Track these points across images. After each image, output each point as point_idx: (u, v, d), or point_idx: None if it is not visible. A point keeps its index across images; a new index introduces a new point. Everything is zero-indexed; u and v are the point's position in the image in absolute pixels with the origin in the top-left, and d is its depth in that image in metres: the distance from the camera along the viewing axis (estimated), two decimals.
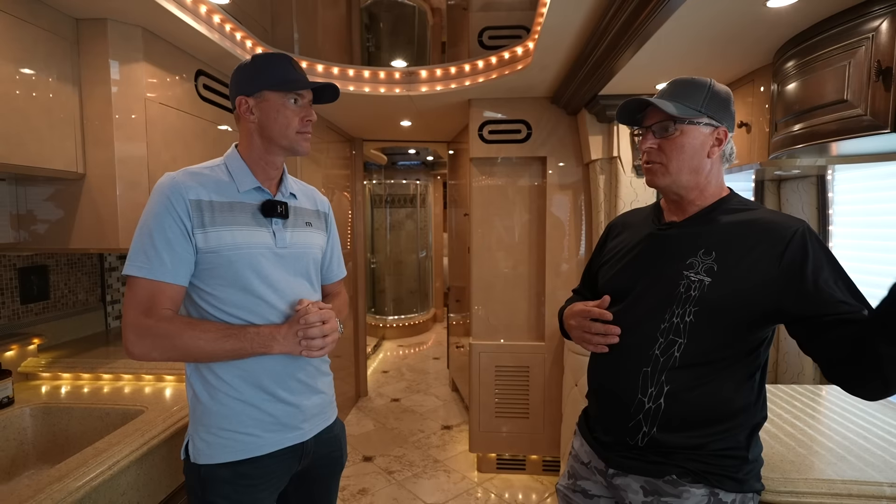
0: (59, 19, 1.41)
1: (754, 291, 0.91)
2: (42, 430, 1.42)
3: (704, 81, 1.00)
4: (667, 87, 1.03)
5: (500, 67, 2.22)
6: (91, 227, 1.53)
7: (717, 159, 1.01)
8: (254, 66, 1.07)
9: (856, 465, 1.11)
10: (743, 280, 0.91)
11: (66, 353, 1.73)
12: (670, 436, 0.95)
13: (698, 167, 0.99)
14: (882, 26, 1.14)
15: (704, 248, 0.96)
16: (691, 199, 1.02)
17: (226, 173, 1.08)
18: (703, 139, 0.99)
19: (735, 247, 0.94)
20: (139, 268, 0.97)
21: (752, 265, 0.92)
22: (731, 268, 0.93)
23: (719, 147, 1.00)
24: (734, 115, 1.04)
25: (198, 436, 1.05)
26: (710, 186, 1.02)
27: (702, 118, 0.98)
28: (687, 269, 0.96)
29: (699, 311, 0.93)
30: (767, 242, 0.92)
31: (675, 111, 0.96)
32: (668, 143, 0.99)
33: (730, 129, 1.02)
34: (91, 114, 1.49)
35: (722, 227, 0.98)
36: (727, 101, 1.01)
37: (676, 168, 0.99)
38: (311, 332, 1.02)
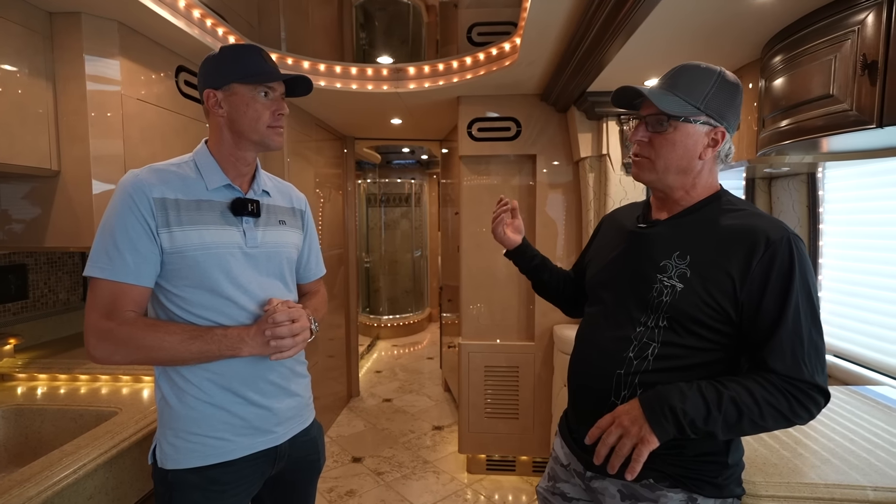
0: (31, 13, 1.38)
1: (724, 298, 0.87)
2: (14, 433, 1.39)
3: (713, 71, 0.91)
4: (673, 72, 0.94)
5: (487, 64, 2.19)
6: (67, 226, 1.50)
7: (711, 160, 0.95)
8: (222, 58, 1.03)
9: (840, 469, 1.08)
10: (713, 287, 0.87)
11: (44, 354, 1.71)
12: None
13: (687, 167, 0.94)
14: (868, 19, 1.11)
15: (679, 251, 0.92)
16: (676, 198, 0.98)
17: (194, 170, 1.04)
18: (697, 139, 0.92)
19: (711, 251, 0.90)
20: (101, 269, 0.94)
21: (721, 271, 0.87)
22: (702, 274, 0.89)
23: (714, 148, 0.93)
24: (739, 109, 0.95)
25: (165, 440, 1.02)
26: (698, 187, 0.96)
27: (699, 116, 0.90)
28: (661, 273, 0.93)
29: (671, 317, 0.90)
30: (744, 247, 0.86)
31: (670, 108, 0.90)
32: (660, 138, 0.93)
33: (730, 129, 0.94)
34: (65, 110, 1.46)
35: (702, 228, 0.93)
36: (734, 93, 0.92)
37: (663, 166, 0.94)
38: (279, 331, 0.98)
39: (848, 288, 1.82)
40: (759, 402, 0.82)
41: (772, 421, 0.83)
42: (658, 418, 0.83)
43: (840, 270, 1.86)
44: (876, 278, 1.69)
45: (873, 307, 1.69)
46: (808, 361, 0.83)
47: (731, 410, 0.82)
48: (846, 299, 1.83)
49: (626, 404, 0.89)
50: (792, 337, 0.83)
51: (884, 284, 1.65)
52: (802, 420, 0.85)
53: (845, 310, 1.83)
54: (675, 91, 0.91)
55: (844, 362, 1.80)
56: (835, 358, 1.86)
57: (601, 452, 0.88)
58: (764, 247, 0.85)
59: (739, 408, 0.82)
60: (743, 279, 0.85)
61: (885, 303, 1.64)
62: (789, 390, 0.83)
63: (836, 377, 1.83)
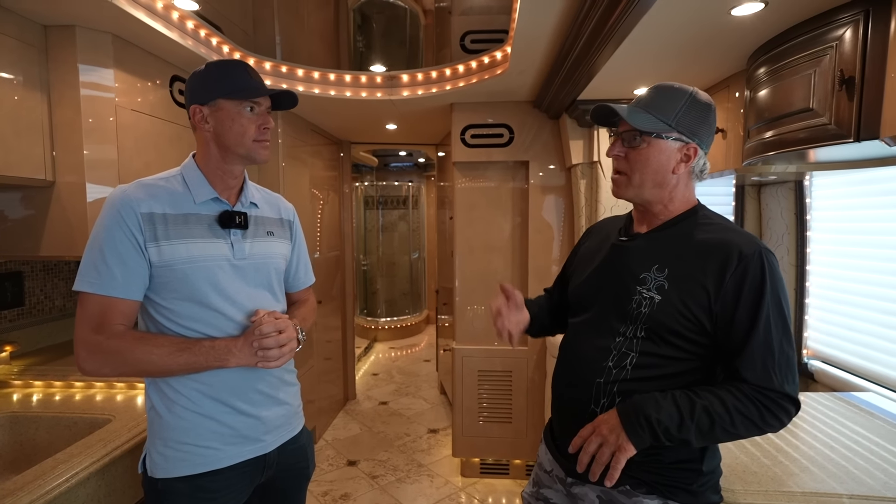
0: (26, 26, 1.40)
1: (699, 309, 0.90)
2: (8, 440, 1.41)
3: (684, 91, 0.95)
4: (647, 92, 0.99)
5: (480, 72, 2.21)
6: (61, 235, 1.52)
7: (685, 175, 0.98)
8: (207, 74, 1.05)
9: (818, 476, 1.11)
10: (688, 297, 0.90)
11: (40, 360, 1.73)
12: None
13: (662, 182, 0.97)
14: (846, 35, 1.14)
15: (658, 264, 0.95)
16: (656, 211, 1.01)
17: (182, 184, 1.06)
18: (670, 154, 0.95)
19: (688, 264, 0.93)
20: (90, 283, 0.96)
21: (697, 283, 0.90)
22: (679, 286, 0.91)
23: (686, 164, 0.96)
24: (713, 128, 0.98)
25: (155, 449, 1.04)
26: (675, 201, 0.99)
27: (671, 133, 0.94)
28: (640, 285, 0.95)
29: (649, 328, 0.93)
30: (718, 261, 0.89)
31: (642, 125, 0.94)
32: (634, 153, 0.97)
33: (703, 145, 0.96)
34: (60, 121, 1.48)
35: (680, 242, 0.96)
36: (705, 113, 0.96)
37: (639, 181, 0.98)
38: (266, 342, 1.01)
39: (835, 295, 1.84)
40: (731, 411, 0.85)
41: (743, 429, 0.86)
42: (634, 427, 0.87)
43: (827, 277, 1.88)
44: (862, 286, 1.71)
45: (860, 314, 1.71)
46: (778, 371, 0.86)
47: (703, 419, 0.85)
48: (833, 306, 1.85)
49: (606, 414, 0.92)
50: (763, 347, 0.86)
51: (870, 292, 1.67)
52: (773, 428, 0.88)
53: (832, 316, 1.85)
54: (648, 109, 0.95)
55: (831, 368, 1.82)
56: (822, 364, 1.88)
57: (583, 461, 0.91)
58: (737, 260, 0.88)
59: (711, 416, 0.85)
60: (717, 291, 0.88)
61: (871, 310, 1.66)
62: (760, 399, 0.85)
63: (822, 383, 1.85)
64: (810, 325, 1.95)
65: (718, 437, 0.87)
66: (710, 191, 2.32)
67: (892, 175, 1.59)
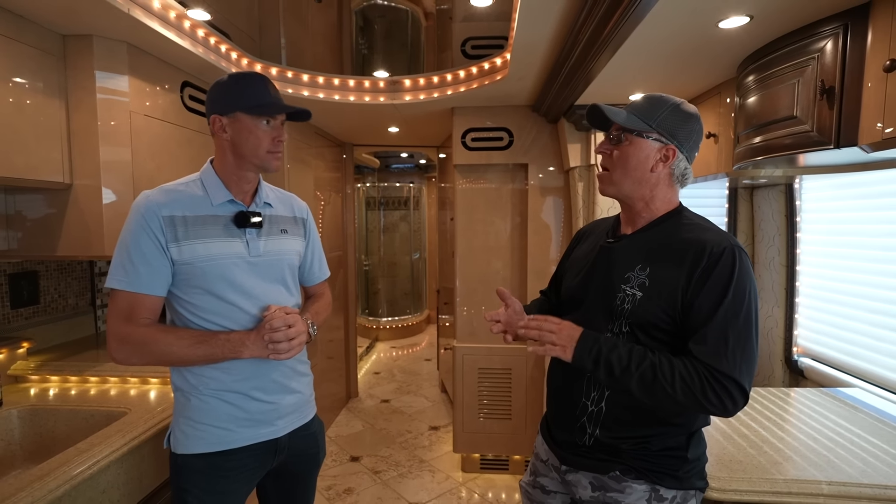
0: (46, 36, 1.46)
1: (675, 303, 0.96)
2: (29, 432, 1.47)
3: (668, 100, 1.03)
4: (639, 99, 1.07)
5: (480, 77, 2.27)
6: (78, 235, 1.58)
7: (665, 176, 1.04)
8: (229, 87, 1.12)
9: (799, 465, 1.17)
10: (665, 293, 0.96)
11: (55, 357, 1.79)
12: (611, 435, 1.01)
13: (640, 179, 1.04)
14: (827, 47, 1.20)
15: (641, 263, 1.01)
16: (638, 210, 1.08)
17: (200, 188, 1.14)
18: (649, 153, 1.02)
19: (666, 262, 0.99)
20: (119, 281, 1.05)
21: (674, 278, 0.96)
22: (658, 283, 0.98)
23: (665, 164, 1.03)
24: (695, 136, 1.04)
25: (178, 427, 1.13)
26: (656, 201, 1.06)
27: (651, 133, 1.02)
28: (624, 283, 1.02)
29: (632, 323, 0.99)
30: (693, 257, 0.95)
31: (624, 122, 1.02)
32: (618, 150, 1.05)
33: (682, 148, 1.03)
34: (77, 126, 1.54)
35: (661, 242, 1.03)
36: (685, 120, 1.02)
37: (619, 177, 1.05)
38: (276, 336, 1.08)
39: (823, 294, 1.90)
40: (675, 375, 0.90)
41: (683, 396, 0.90)
42: (584, 349, 0.96)
43: (816, 277, 1.94)
44: (850, 285, 1.77)
45: (847, 313, 1.77)
46: (730, 357, 0.89)
47: (647, 373, 0.91)
48: (822, 305, 1.91)
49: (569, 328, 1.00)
50: (717, 332, 0.91)
51: (857, 291, 1.73)
52: (714, 409, 0.90)
53: (821, 315, 1.91)
54: (633, 111, 1.04)
55: (820, 365, 1.88)
56: (811, 361, 1.94)
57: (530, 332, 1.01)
58: (707, 256, 0.94)
59: (655, 373, 0.91)
60: (688, 285, 0.95)
61: (859, 309, 1.73)
62: (706, 375, 0.89)
63: (811, 380, 1.91)
64: (800, 324, 2.01)
65: (658, 396, 0.91)
66: (705, 193, 2.38)
67: (877, 178, 1.65)
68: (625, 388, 0.94)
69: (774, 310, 2.06)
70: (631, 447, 1.00)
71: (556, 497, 1.16)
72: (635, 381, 0.92)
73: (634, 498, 0.99)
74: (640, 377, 0.92)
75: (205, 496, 1.12)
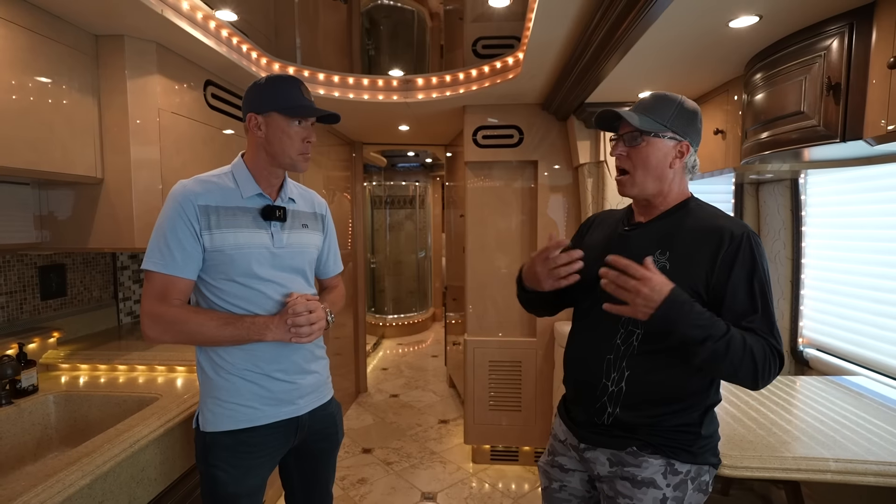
0: (81, 36, 1.52)
1: (695, 285, 1.02)
2: (64, 416, 1.53)
3: (675, 98, 1.10)
4: (645, 99, 1.13)
5: (492, 76, 2.33)
6: (108, 228, 1.64)
7: (680, 169, 1.11)
8: (265, 88, 1.19)
9: (807, 444, 1.22)
10: (687, 276, 1.02)
11: (83, 346, 1.85)
12: (631, 414, 1.07)
13: (661, 175, 1.10)
14: (833, 45, 1.25)
15: (661, 248, 1.07)
16: (656, 203, 1.14)
17: (232, 181, 1.21)
18: (667, 151, 1.09)
19: (686, 246, 1.05)
20: (155, 263, 1.12)
21: (696, 262, 1.03)
22: (679, 265, 1.04)
23: (681, 159, 1.10)
24: (700, 130, 1.12)
25: (206, 407, 1.20)
26: (672, 193, 1.12)
27: (666, 132, 1.08)
28: None
29: None
30: (713, 242, 1.03)
31: (640, 124, 1.07)
32: (635, 151, 1.10)
33: (693, 143, 1.11)
34: (109, 123, 1.60)
35: (678, 228, 1.09)
36: (693, 117, 1.10)
37: (642, 177, 1.10)
38: (298, 320, 1.15)
39: (828, 286, 1.96)
40: (746, 348, 0.95)
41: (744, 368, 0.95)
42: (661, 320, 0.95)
43: (821, 270, 2.00)
44: (854, 277, 1.82)
45: (852, 304, 1.83)
46: (776, 333, 0.99)
47: (721, 347, 0.94)
48: (827, 296, 1.96)
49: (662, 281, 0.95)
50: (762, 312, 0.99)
51: (861, 283, 1.79)
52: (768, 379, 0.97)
53: (826, 306, 1.97)
54: (646, 113, 1.09)
55: (824, 355, 1.94)
56: (816, 351, 1.99)
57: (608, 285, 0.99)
58: (728, 241, 1.02)
59: (729, 347, 0.94)
60: (712, 267, 1.02)
61: (863, 299, 1.78)
62: (768, 349, 0.97)
63: (816, 369, 1.96)
64: (805, 315, 2.06)
65: (723, 367, 0.95)
66: (712, 189, 2.43)
67: (880, 172, 1.70)
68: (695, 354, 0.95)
69: (780, 302, 2.11)
70: (647, 424, 1.05)
71: (574, 475, 1.21)
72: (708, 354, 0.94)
73: (650, 472, 1.04)
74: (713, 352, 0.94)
75: (232, 470, 1.18)
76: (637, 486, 1.05)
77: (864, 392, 1.59)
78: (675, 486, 1.04)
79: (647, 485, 1.04)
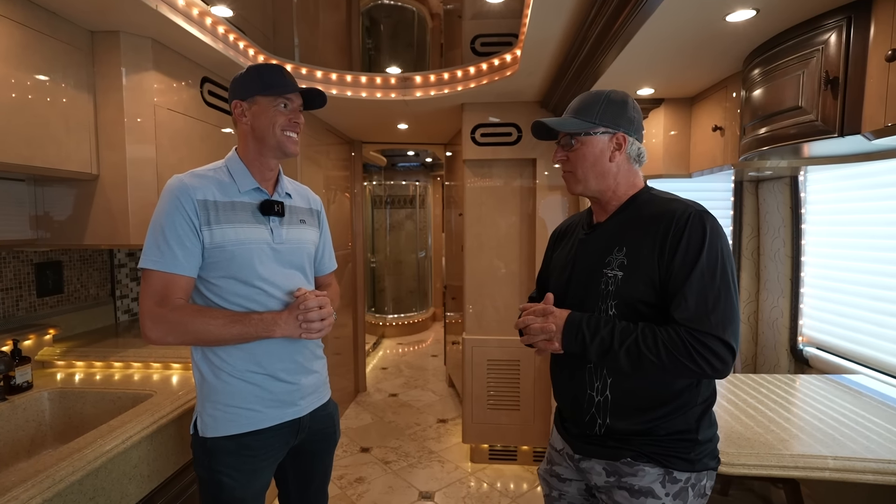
0: (76, 32, 1.52)
1: (653, 273, 0.99)
2: (59, 413, 1.53)
3: (600, 94, 1.09)
4: (573, 102, 1.12)
5: (490, 73, 2.32)
6: (104, 225, 1.64)
7: (623, 162, 1.09)
8: (248, 75, 1.18)
9: (806, 442, 1.21)
10: (643, 267, 1.00)
11: (79, 344, 1.84)
12: (622, 422, 1.04)
13: (603, 172, 1.08)
14: (831, 39, 1.24)
15: (618, 245, 1.05)
16: (607, 199, 1.11)
17: (227, 175, 1.19)
18: (602, 146, 1.07)
19: (639, 238, 1.03)
20: (153, 261, 1.08)
21: (648, 251, 1.00)
22: (635, 258, 1.02)
23: (620, 151, 1.08)
24: (634, 118, 1.09)
25: (205, 412, 1.16)
26: (621, 187, 1.10)
27: (597, 128, 1.06)
28: (605, 267, 1.05)
29: (618, 303, 1.02)
30: (661, 227, 0.99)
31: (570, 128, 1.07)
32: (573, 154, 1.10)
33: (629, 132, 1.08)
34: (104, 119, 1.60)
35: (632, 221, 1.06)
36: (622, 107, 1.07)
37: (583, 175, 1.09)
38: (310, 315, 1.13)
39: (828, 284, 1.94)
40: (658, 344, 0.93)
41: (670, 363, 0.93)
42: (570, 339, 1.02)
43: (821, 267, 1.98)
44: (853, 275, 1.81)
45: (851, 301, 1.81)
46: (711, 316, 0.93)
47: (632, 347, 0.95)
48: (826, 294, 1.95)
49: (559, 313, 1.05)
50: (696, 293, 0.94)
51: (861, 280, 1.77)
52: (703, 370, 0.93)
53: (826, 304, 1.95)
54: (575, 115, 1.09)
55: (824, 354, 1.92)
56: (816, 350, 1.98)
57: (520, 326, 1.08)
58: (675, 223, 0.98)
59: (639, 346, 0.95)
60: (662, 252, 0.99)
61: (862, 297, 1.77)
62: (688, 338, 0.92)
63: (816, 368, 1.95)
64: (805, 314, 2.05)
65: (647, 368, 0.95)
66: (711, 187, 2.42)
67: (880, 169, 1.69)
68: (615, 365, 0.99)
69: (780, 300, 2.10)
70: (640, 432, 1.03)
71: (571, 484, 1.19)
72: (622, 357, 0.96)
73: (648, 481, 1.02)
74: (626, 353, 0.95)
75: (238, 475, 1.15)
76: (635, 495, 1.02)
77: (864, 390, 1.57)
78: (674, 494, 1.02)
79: (646, 494, 1.02)
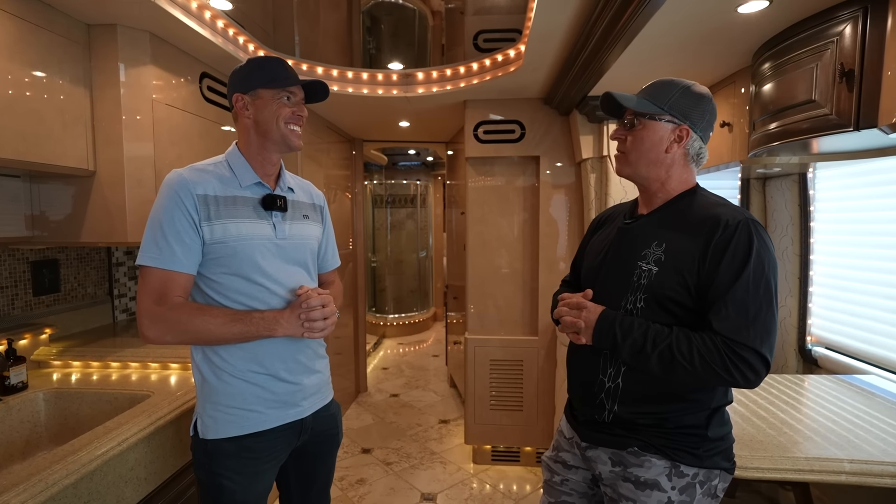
0: (73, 25, 1.49)
1: (690, 275, 0.97)
2: (54, 414, 1.50)
3: (679, 83, 1.05)
4: (650, 83, 1.09)
5: (493, 69, 2.29)
6: (101, 222, 1.60)
7: (680, 156, 1.06)
8: (248, 68, 1.15)
9: (820, 445, 1.18)
10: (680, 267, 0.98)
11: (76, 343, 1.81)
12: (630, 411, 1.03)
13: (656, 160, 1.06)
14: (846, 31, 1.21)
15: (657, 240, 1.03)
16: (654, 190, 1.09)
17: (227, 169, 1.15)
18: (662, 135, 1.05)
19: (682, 236, 1.00)
20: (152, 258, 1.04)
21: (689, 253, 0.98)
22: (674, 257, 0.99)
23: (679, 144, 1.05)
24: (706, 116, 1.05)
25: (206, 413, 1.13)
26: (672, 181, 1.07)
27: (664, 115, 1.04)
28: (641, 260, 1.03)
29: (647, 297, 1.00)
30: (707, 231, 0.97)
31: (637, 107, 1.04)
32: (632, 134, 1.07)
33: (695, 128, 1.04)
34: (101, 114, 1.57)
35: (677, 219, 1.04)
36: (697, 100, 1.04)
37: (636, 158, 1.07)
38: (313, 314, 1.10)
39: (838, 282, 1.91)
40: (693, 351, 0.92)
41: (703, 371, 0.92)
42: (601, 336, 1.02)
43: (830, 266, 1.95)
44: (864, 273, 1.78)
45: (862, 300, 1.78)
46: (750, 329, 0.91)
47: (665, 354, 0.94)
48: (836, 293, 1.92)
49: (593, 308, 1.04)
50: (738, 304, 0.92)
51: (871, 279, 1.74)
52: (738, 381, 0.92)
53: (835, 303, 1.92)
54: (647, 97, 1.06)
55: (834, 354, 1.89)
56: (825, 350, 1.94)
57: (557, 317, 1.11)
58: (722, 229, 0.96)
59: (673, 353, 0.93)
60: (703, 257, 0.96)
61: (873, 296, 1.73)
62: (724, 349, 0.91)
63: (826, 368, 1.91)
64: (814, 313, 2.02)
65: (679, 374, 0.94)
66: (717, 184, 2.39)
67: (891, 166, 1.65)
68: (645, 367, 0.97)
69: (788, 299, 2.06)
70: (648, 423, 1.01)
71: (577, 472, 1.17)
72: (654, 360, 0.95)
73: (654, 473, 1.00)
74: (659, 357, 0.94)
75: (239, 478, 1.12)
76: (640, 487, 1.01)
77: (876, 391, 1.54)
78: (680, 489, 0.99)
79: (651, 487, 1.00)
